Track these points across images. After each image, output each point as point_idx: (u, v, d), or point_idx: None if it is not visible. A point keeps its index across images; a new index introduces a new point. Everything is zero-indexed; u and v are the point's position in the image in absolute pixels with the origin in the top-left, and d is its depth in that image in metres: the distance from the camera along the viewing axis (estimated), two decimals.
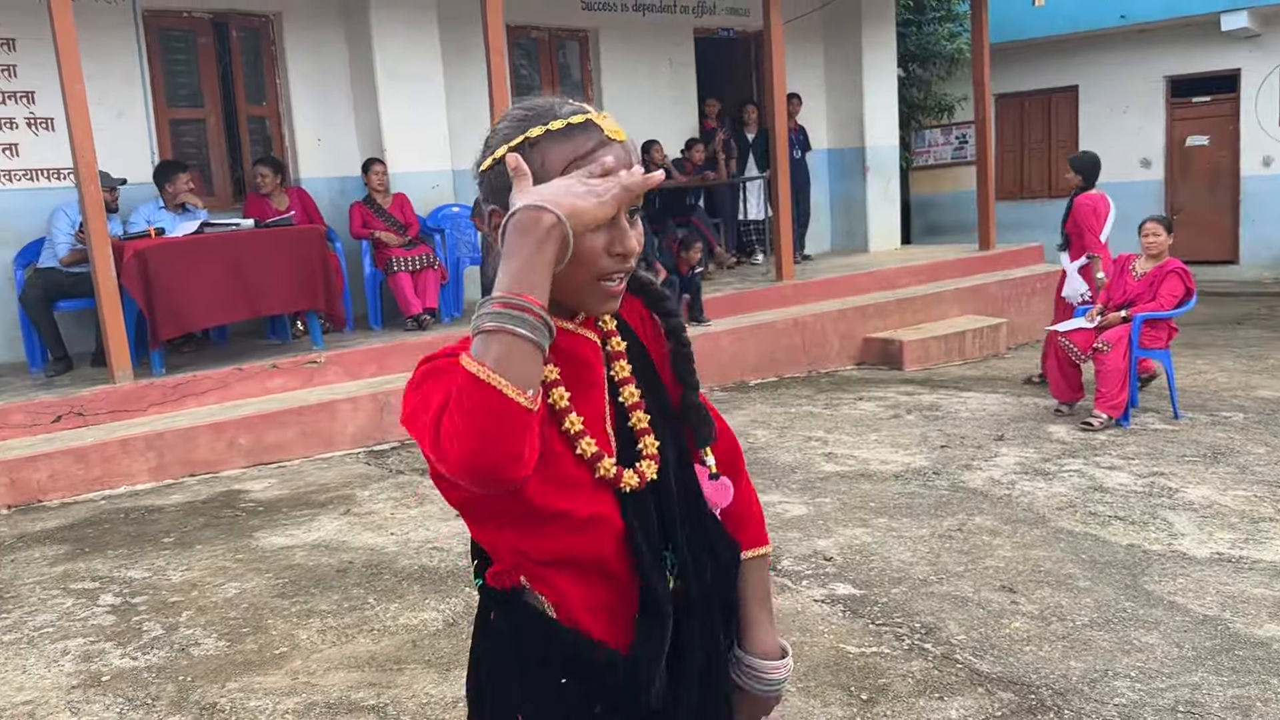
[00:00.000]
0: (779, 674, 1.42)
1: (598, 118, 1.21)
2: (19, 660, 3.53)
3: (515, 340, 1.04)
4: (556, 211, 1.07)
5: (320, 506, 5.15)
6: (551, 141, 1.19)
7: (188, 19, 7.91)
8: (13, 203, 7.08)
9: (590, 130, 1.20)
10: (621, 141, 1.21)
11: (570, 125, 1.20)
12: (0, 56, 7.05)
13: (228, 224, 6.78)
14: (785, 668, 1.43)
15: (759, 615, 1.43)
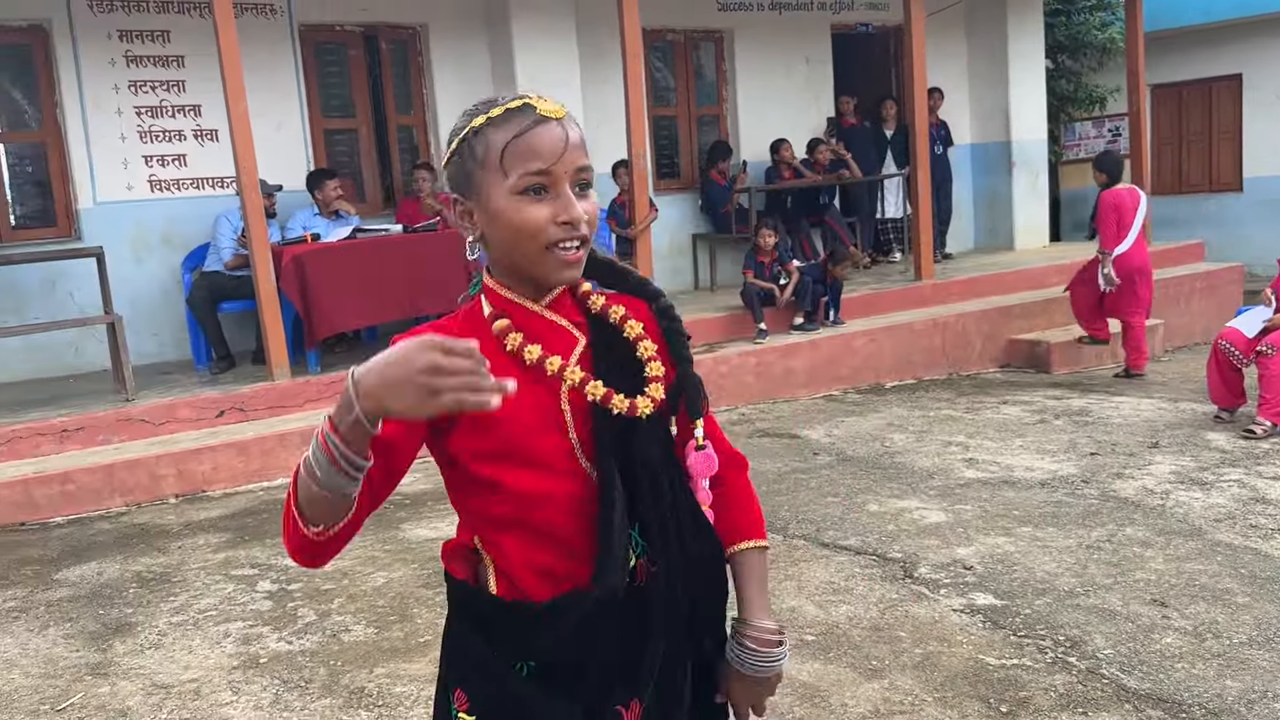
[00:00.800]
0: (777, 651, 1.44)
1: (535, 100, 1.29)
2: (185, 641, 3.77)
3: (312, 487, 1.16)
4: (355, 402, 1.10)
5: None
6: (492, 127, 1.28)
7: (340, 32, 8.29)
8: (181, 210, 7.56)
9: (526, 112, 1.27)
10: (559, 118, 1.28)
11: (508, 110, 1.28)
12: (171, 73, 7.54)
13: (378, 229, 7.07)
14: (782, 646, 1.46)
15: (755, 597, 1.46)
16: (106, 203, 7.38)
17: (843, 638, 3.49)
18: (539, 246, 1.27)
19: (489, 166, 1.28)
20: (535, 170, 1.26)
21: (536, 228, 1.26)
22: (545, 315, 1.35)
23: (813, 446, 6.05)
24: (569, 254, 1.28)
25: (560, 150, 1.27)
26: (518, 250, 1.28)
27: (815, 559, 4.22)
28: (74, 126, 7.27)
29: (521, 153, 1.26)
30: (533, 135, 1.26)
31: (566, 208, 1.26)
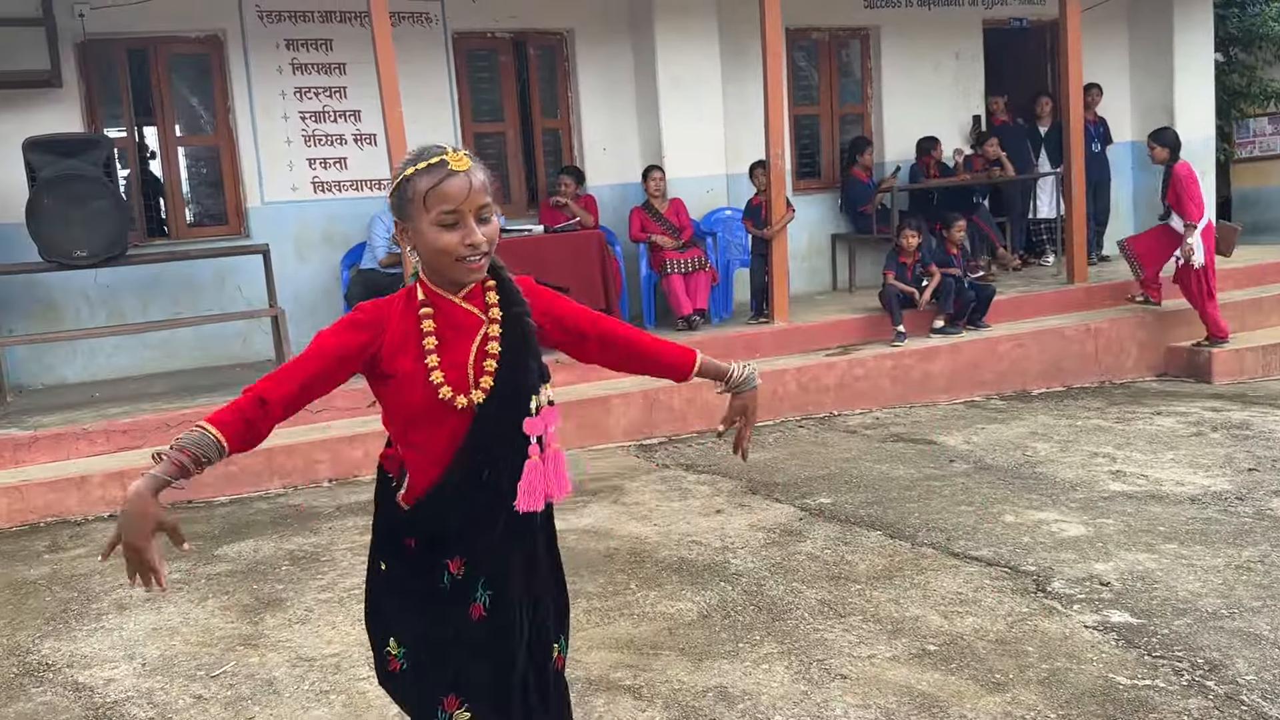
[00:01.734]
0: (746, 374, 2.30)
1: (450, 156, 1.83)
2: (330, 617, 4.01)
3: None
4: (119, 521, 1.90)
5: (592, 495, 5.46)
6: (419, 175, 1.83)
7: (491, 39, 8.57)
8: (341, 210, 7.99)
9: (441, 166, 1.82)
10: (466, 170, 1.82)
11: (430, 164, 1.83)
12: (333, 79, 7.97)
13: (521, 230, 7.30)
14: (749, 371, 2.30)
15: (717, 372, 2.26)
16: (273, 203, 7.86)
17: (966, 649, 3.43)
18: (451, 260, 1.86)
19: (416, 204, 1.83)
20: (447, 210, 1.82)
21: (449, 248, 1.84)
22: (461, 305, 1.94)
23: (949, 453, 5.92)
24: (473, 264, 1.87)
25: (464, 195, 1.81)
26: (437, 262, 1.88)
27: (944, 568, 4.15)
28: (244, 130, 7.77)
29: (438, 196, 1.81)
30: (445, 184, 1.81)
31: (469, 235, 1.83)
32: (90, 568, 4.78)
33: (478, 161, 1.88)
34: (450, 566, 1.96)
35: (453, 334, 1.91)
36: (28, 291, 7.34)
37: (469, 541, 1.96)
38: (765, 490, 5.35)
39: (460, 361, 1.90)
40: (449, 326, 1.91)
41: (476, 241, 1.83)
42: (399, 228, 1.91)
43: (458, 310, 1.92)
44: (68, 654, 3.83)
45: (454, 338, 1.91)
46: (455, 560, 1.96)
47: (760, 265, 7.91)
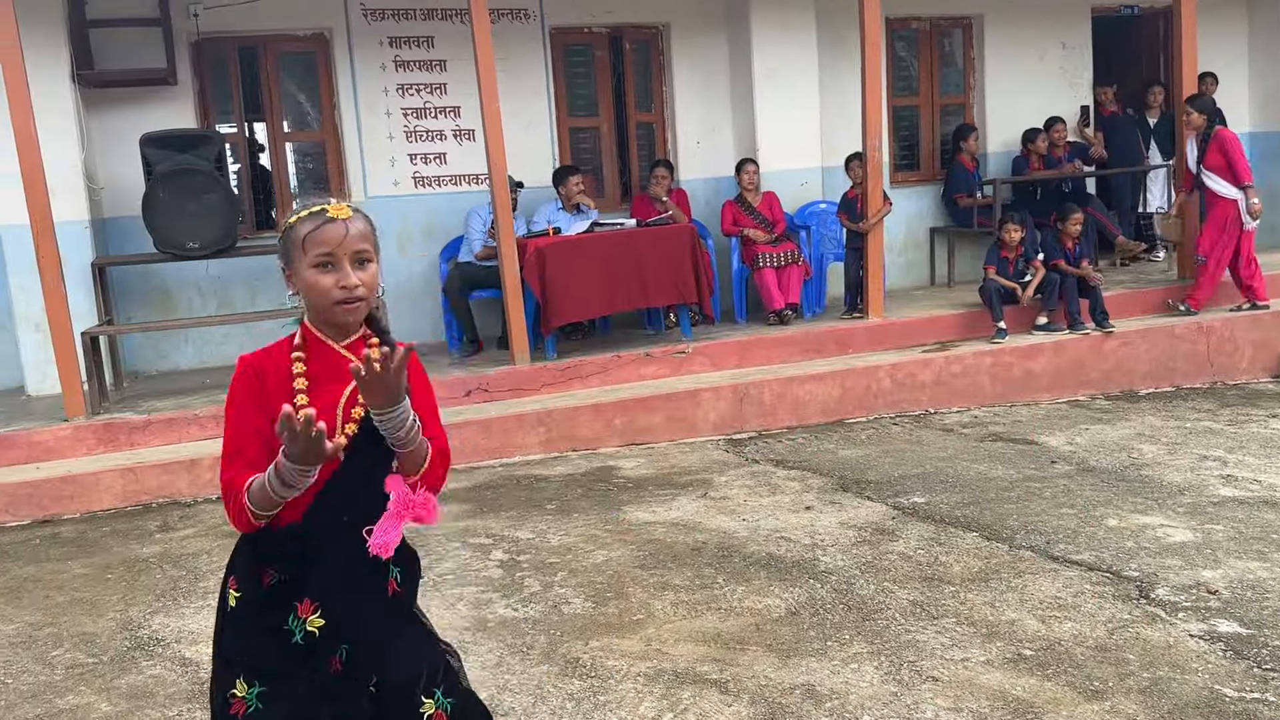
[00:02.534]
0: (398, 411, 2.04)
1: (331, 207, 1.93)
2: (424, 601, 4.07)
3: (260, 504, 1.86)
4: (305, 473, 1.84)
5: (681, 488, 5.47)
6: (300, 223, 1.92)
7: (588, 34, 8.63)
8: (440, 204, 8.14)
9: (321, 215, 1.91)
10: (345, 218, 1.91)
11: (310, 213, 1.93)
12: (434, 76, 8.13)
13: (614, 223, 7.34)
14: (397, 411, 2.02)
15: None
16: (376, 197, 8.05)
17: (1064, 655, 3.34)
18: (328, 302, 1.92)
19: (296, 248, 1.92)
20: (323, 254, 1.90)
21: (325, 290, 1.91)
22: (339, 350, 1.97)
23: (1050, 454, 5.76)
24: (349, 306, 1.92)
25: (340, 239, 1.89)
26: (317, 303, 1.94)
27: (1042, 572, 4.04)
28: (349, 127, 7.98)
29: (314, 241, 1.90)
30: (322, 231, 1.90)
31: (344, 279, 1.90)
32: (198, 548, 4.99)
33: (359, 214, 1.97)
34: (299, 609, 1.96)
35: (327, 378, 1.96)
36: (144, 281, 7.67)
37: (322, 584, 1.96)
38: (856, 488, 5.28)
39: (329, 404, 1.94)
40: (324, 371, 1.96)
41: (350, 284, 1.90)
42: (287, 274, 1.97)
43: (334, 355, 1.97)
44: (176, 630, 4.00)
45: (327, 381, 1.95)
46: (306, 603, 1.96)
47: (855, 259, 7.80)
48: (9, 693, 3.52)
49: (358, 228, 1.93)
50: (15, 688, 3.56)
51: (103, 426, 6.16)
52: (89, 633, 4.02)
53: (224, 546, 4.95)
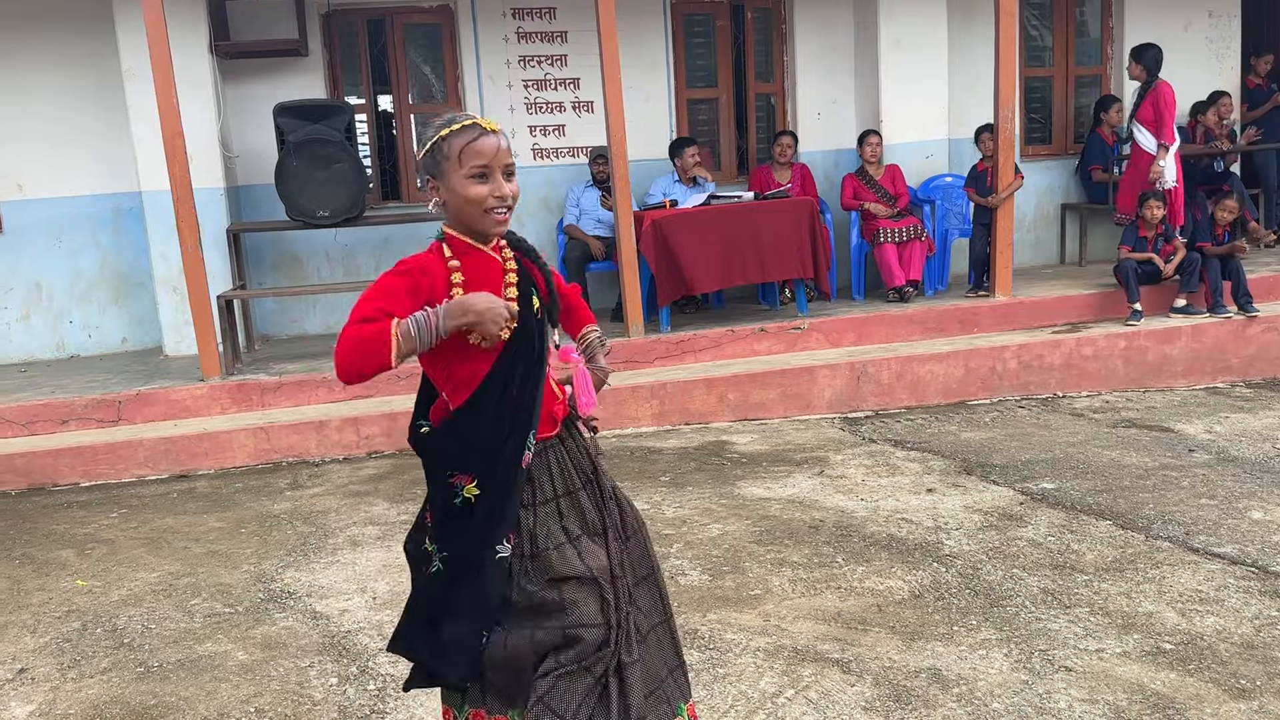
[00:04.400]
0: (607, 367, 2.48)
1: (481, 120, 2.05)
2: None
3: (408, 336, 1.93)
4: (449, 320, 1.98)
5: (796, 465, 5.40)
6: (453, 135, 2.03)
7: (709, 4, 8.53)
8: (559, 176, 8.19)
9: (474, 128, 2.03)
10: (495, 131, 2.05)
11: (463, 126, 2.03)
12: (555, 48, 8.15)
13: (731, 196, 7.26)
14: (608, 369, 2.48)
15: (592, 343, 2.44)
16: None
17: (1206, 651, 3.18)
18: (480, 211, 2.04)
19: (451, 160, 2.02)
20: (480, 165, 2.01)
21: (480, 199, 2.03)
22: (487, 253, 2.12)
23: (1188, 442, 5.50)
24: (498, 216, 2.06)
25: (495, 151, 2.02)
26: (467, 213, 2.05)
27: (1181, 564, 3.86)
28: (471, 98, 8.07)
29: (472, 152, 2.01)
30: (479, 142, 2.02)
31: (499, 187, 2.04)
32: (326, 506, 5.15)
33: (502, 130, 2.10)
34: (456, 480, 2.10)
35: (477, 280, 2.08)
36: (275, 247, 7.93)
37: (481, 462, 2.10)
38: (981, 471, 5.13)
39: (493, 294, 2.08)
40: (475, 274, 2.08)
41: (504, 193, 2.03)
42: (430, 186, 2.07)
43: (484, 258, 2.10)
44: (307, 584, 4.13)
45: (477, 283, 2.07)
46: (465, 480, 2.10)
47: (982, 235, 7.56)
48: (152, 638, 3.69)
49: (505, 142, 2.06)
50: (158, 633, 3.73)
51: (236, 387, 6.40)
52: (225, 583, 4.19)
53: (350, 505, 5.10)
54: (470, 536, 2.09)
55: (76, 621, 3.85)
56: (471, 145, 2.00)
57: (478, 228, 2.06)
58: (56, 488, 5.78)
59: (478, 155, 2.00)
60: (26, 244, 7.65)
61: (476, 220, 2.04)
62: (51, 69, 7.48)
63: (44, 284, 7.73)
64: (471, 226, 2.06)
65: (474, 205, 2.02)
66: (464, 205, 2.02)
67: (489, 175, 2.01)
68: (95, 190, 7.64)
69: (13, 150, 7.52)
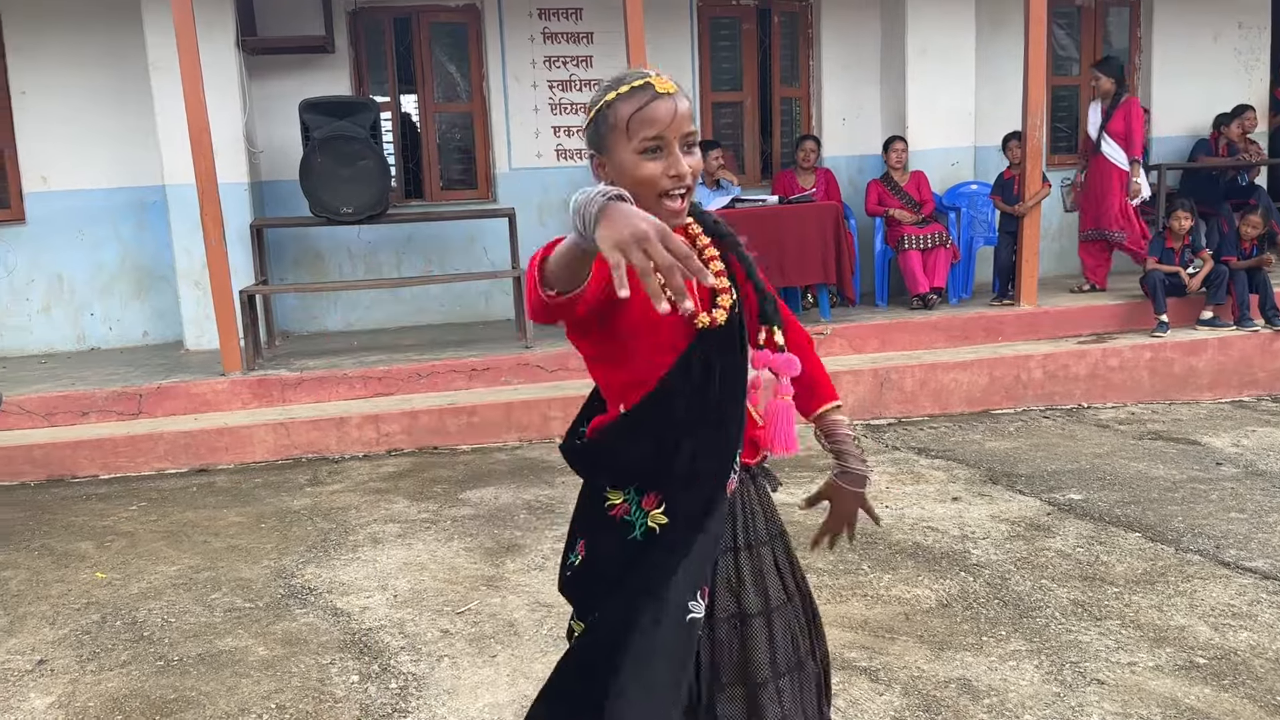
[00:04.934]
0: (863, 470, 1.98)
1: (654, 79, 1.62)
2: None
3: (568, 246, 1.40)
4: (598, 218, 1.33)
5: (819, 470, 5.35)
6: (620, 100, 1.62)
7: (736, 7, 8.51)
8: (581, 177, 8.14)
9: (646, 89, 1.62)
10: (671, 93, 1.62)
11: (632, 88, 1.62)
12: (580, 49, 8.14)
13: (755, 200, 7.23)
14: (868, 469, 1.99)
15: (844, 439, 1.96)
16: (520, 169, 8.14)
17: (1241, 666, 3.12)
18: (653, 195, 1.62)
19: (618, 131, 1.62)
20: (652, 135, 1.60)
21: (652, 179, 1.62)
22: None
23: (1215, 455, 5.43)
24: (676, 203, 1.63)
25: (670, 119, 1.60)
26: (639, 194, 1.57)
27: (1213, 578, 3.80)
28: (496, 99, 8.07)
29: (642, 121, 1.60)
30: (651, 108, 1.60)
31: (675, 165, 1.62)
32: (346, 503, 5.13)
33: (682, 89, 1.67)
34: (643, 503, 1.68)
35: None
36: (298, 244, 7.93)
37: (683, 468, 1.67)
38: (1007, 481, 5.07)
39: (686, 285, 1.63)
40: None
41: (682, 171, 1.61)
42: (596, 163, 1.69)
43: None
44: (327, 580, 4.11)
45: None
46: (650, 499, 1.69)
47: (1007, 243, 7.50)
48: (172, 631, 3.67)
49: (686, 105, 1.63)
50: (178, 627, 3.71)
51: (257, 382, 6.40)
52: (245, 578, 4.17)
53: (370, 502, 5.09)
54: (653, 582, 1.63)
55: (96, 614, 3.84)
56: (641, 114, 1.60)
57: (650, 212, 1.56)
58: (76, 479, 5.78)
59: (649, 124, 1.59)
60: (49, 236, 7.67)
61: (649, 207, 1.58)
62: (77, 63, 7.51)
63: (65, 276, 7.76)
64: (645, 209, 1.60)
65: (645, 188, 1.61)
66: (633, 188, 1.57)
67: (664, 149, 1.61)
68: (118, 183, 7.67)
69: (38, 143, 7.56)
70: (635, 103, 1.61)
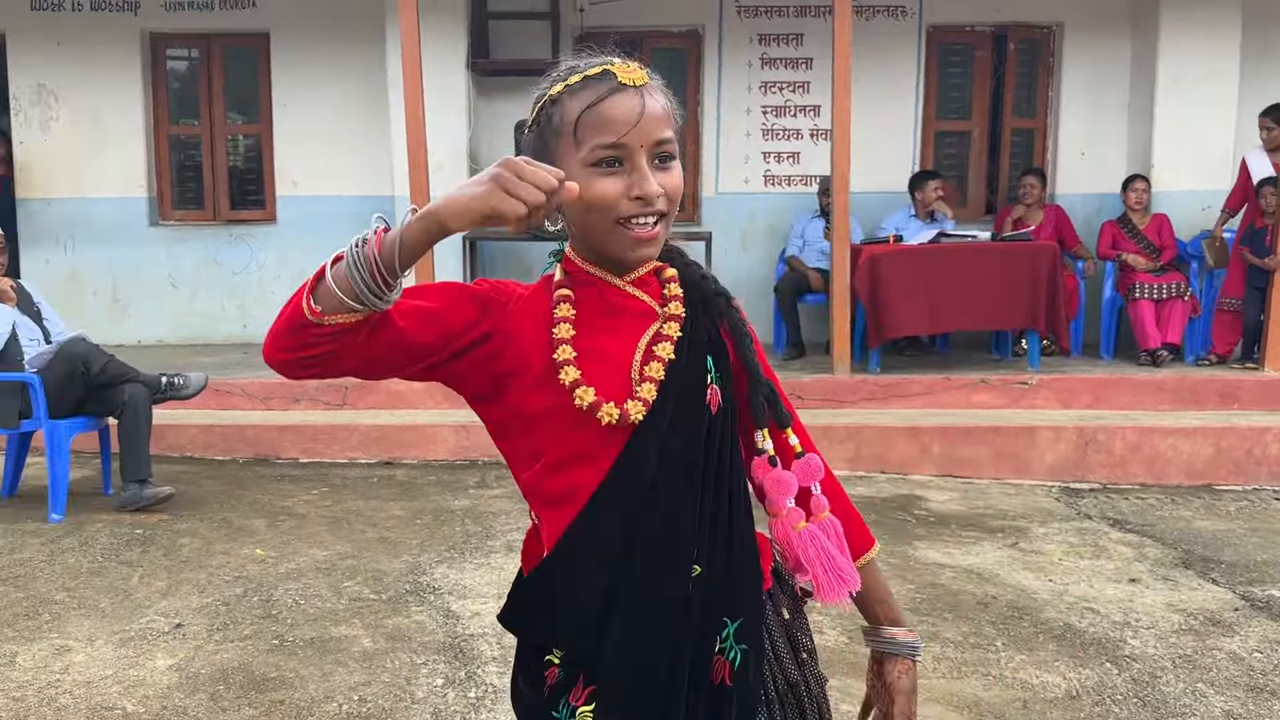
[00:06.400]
0: (911, 638, 1.45)
1: (617, 67, 1.22)
2: None
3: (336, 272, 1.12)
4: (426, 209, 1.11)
5: (988, 532, 4.94)
6: (569, 94, 1.23)
7: (969, 33, 8.09)
8: (787, 204, 8.03)
9: (605, 79, 1.21)
10: (639, 85, 1.21)
11: (586, 78, 1.22)
12: (798, 74, 8.01)
13: (963, 235, 6.82)
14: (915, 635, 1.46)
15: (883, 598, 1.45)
16: (725, 193, 8.10)
17: None
18: (609, 221, 1.22)
19: (563, 137, 1.23)
20: (607, 143, 1.20)
21: (606, 203, 1.21)
22: (622, 289, 1.30)
23: None
24: (643, 230, 1.22)
25: (634, 120, 1.19)
26: (589, 225, 1.24)
27: None
28: (709, 122, 8.08)
29: (594, 123, 1.20)
30: (607, 105, 1.20)
31: (640, 182, 1.20)
32: (500, 508, 5.26)
33: (657, 79, 1.26)
34: (570, 694, 1.26)
35: (606, 323, 1.28)
36: (509, 257, 8.28)
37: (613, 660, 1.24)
38: (1201, 566, 4.47)
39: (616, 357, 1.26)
40: (602, 313, 1.29)
41: (648, 192, 1.19)
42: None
43: (615, 292, 1.29)
44: (452, 581, 4.22)
45: (607, 328, 1.28)
46: (579, 690, 1.26)
47: (1256, 299, 6.65)
48: (297, 613, 3.89)
49: (660, 104, 1.22)
50: (304, 610, 3.92)
51: None
52: (380, 570, 4.36)
53: (520, 511, 5.18)
54: None
55: (240, 587, 4.13)
56: (594, 111, 1.19)
57: (608, 250, 1.25)
58: (278, 460, 6.28)
59: (604, 127, 1.19)
60: (295, 236, 8.42)
61: (604, 238, 1.24)
62: (330, 78, 8.20)
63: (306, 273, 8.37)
64: (599, 247, 1.26)
65: (598, 212, 1.21)
66: (580, 216, 1.23)
67: (625, 161, 1.20)
68: (356, 191, 8.30)
69: (292, 150, 8.31)
70: (587, 97, 1.21)
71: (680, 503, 1.25)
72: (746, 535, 1.33)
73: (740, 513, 1.32)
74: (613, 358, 1.27)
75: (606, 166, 1.21)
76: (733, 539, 1.30)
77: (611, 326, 1.29)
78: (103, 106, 8.21)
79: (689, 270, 1.36)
